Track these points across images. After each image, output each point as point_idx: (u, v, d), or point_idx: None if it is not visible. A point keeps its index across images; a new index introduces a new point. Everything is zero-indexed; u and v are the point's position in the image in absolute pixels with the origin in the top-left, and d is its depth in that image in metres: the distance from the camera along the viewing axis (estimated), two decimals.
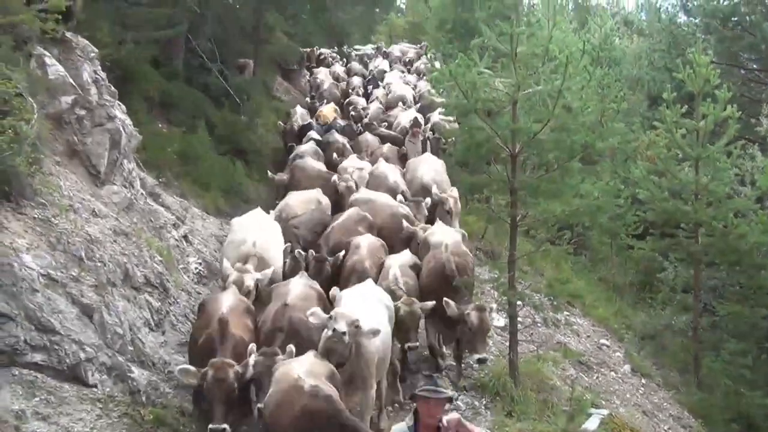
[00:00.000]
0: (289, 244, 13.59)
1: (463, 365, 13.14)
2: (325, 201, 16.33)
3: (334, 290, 11.44)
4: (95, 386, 9.30)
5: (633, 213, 22.11)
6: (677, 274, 21.82)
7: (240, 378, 8.92)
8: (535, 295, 15.46)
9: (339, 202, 16.90)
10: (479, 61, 14.00)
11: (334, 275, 13.02)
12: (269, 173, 18.59)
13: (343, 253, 13.42)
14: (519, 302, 13.92)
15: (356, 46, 38.42)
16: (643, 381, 17.66)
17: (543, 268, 19.84)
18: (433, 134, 22.19)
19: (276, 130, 23.61)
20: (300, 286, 11.22)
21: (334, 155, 20.46)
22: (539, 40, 14.22)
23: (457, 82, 13.73)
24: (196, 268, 13.85)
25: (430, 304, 11.94)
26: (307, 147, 20.52)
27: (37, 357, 8.87)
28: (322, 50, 35.16)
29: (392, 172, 18.49)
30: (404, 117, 23.79)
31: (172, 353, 10.81)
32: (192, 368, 9.04)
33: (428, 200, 16.91)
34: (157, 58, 20.25)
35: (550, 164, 14.86)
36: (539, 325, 16.50)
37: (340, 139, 21.95)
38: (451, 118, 19.37)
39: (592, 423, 12.26)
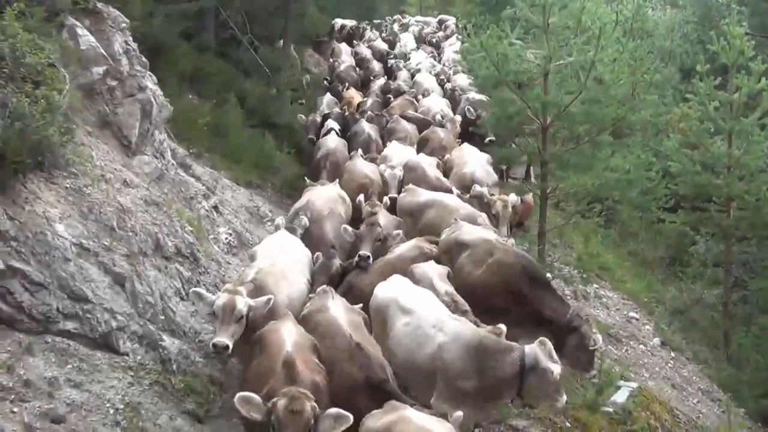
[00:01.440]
0: (318, 254, 11.76)
1: None
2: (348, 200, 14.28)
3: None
4: (127, 354, 9.35)
5: (664, 186, 21.89)
6: (708, 248, 21.68)
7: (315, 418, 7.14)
8: (565, 268, 15.43)
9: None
10: (510, 32, 13.90)
11: None
12: (306, 180, 15.75)
13: None
14: (548, 275, 13.75)
15: (417, 17, 37.02)
16: (673, 354, 17.54)
17: (572, 242, 19.70)
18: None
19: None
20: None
21: (359, 151, 17.27)
22: (571, 11, 14.12)
23: (488, 53, 13.68)
24: (226, 239, 13.87)
25: None
26: (333, 142, 17.80)
27: (70, 325, 8.93)
28: (345, 22, 32.48)
29: (429, 165, 15.93)
30: (434, 104, 21.42)
31: (203, 322, 10.83)
32: (256, 396, 7.27)
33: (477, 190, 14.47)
34: (188, 31, 20.27)
35: (580, 137, 14.80)
36: (569, 297, 16.40)
37: (368, 128, 19.10)
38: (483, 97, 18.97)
39: (621, 395, 12.21)
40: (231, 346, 8.87)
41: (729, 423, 14.77)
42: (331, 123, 19.30)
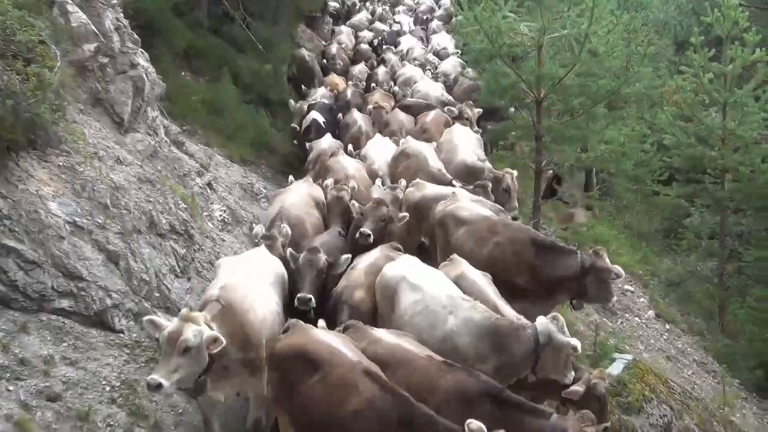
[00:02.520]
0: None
1: None
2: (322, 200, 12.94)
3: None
4: (122, 332, 9.33)
5: (659, 159, 22.01)
6: (703, 220, 21.75)
7: None
8: (560, 241, 15.39)
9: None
10: (504, 5, 13.82)
11: None
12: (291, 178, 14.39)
13: None
14: None
15: None
16: (668, 326, 17.62)
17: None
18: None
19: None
20: None
21: (350, 146, 16.01)
22: None
23: (481, 26, 13.60)
24: (220, 216, 13.82)
25: None
26: (326, 143, 15.95)
27: (65, 303, 8.91)
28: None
29: (432, 156, 14.46)
30: (430, 88, 19.90)
31: (198, 300, 10.80)
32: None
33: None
34: (180, 8, 20.11)
35: (575, 110, 14.74)
36: None
37: (360, 120, 17.51)
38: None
39: (616, 368, 12.24)
40: (167, 385, 7.23)
41: (724, 394, 14.87)
42: (313, 114, 17.62)
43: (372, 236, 11.16)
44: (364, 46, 25.79)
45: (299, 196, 12.59)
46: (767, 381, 17.74)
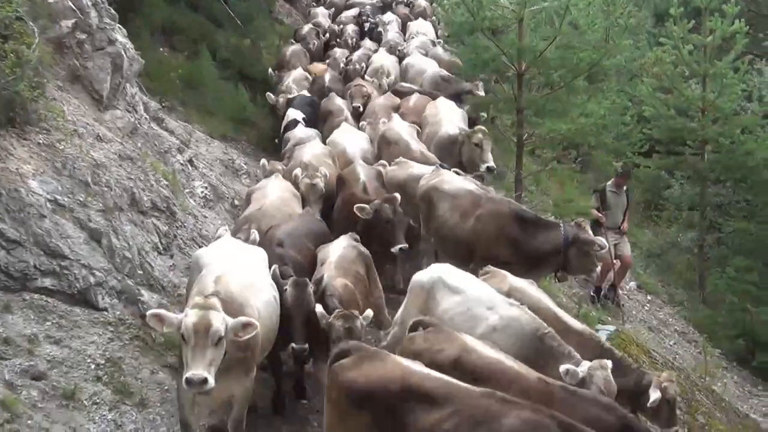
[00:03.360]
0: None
1: None
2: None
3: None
4: (106, 310, 9.30)
5: (639, 131, 22.03)
6: (683, 191, 21.88)
7: None
8: (543, 215, 15.45)
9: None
10: None
11: None
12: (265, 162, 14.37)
13: None
14: None
15: None
16: (649, 297, 17.77)
17: (549, 188, 19.78)
18: None
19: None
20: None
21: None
22: None
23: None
24: (202, 192, 13.78)
25: None
26: (302, 133, 15.50)
27: (47, 282, 8.88)
28: None
29: (414, 140, 14.34)
30: (425, 63, 19.41)
31: (181, 276, 10.81)
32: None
33: None
34: None
35: (556, 83, 14.75)
36: None
37: (341, 104, 16.94)
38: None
39: None
40: (211, 380, 6.88)
41: (705, 363, 15.02)
42: (292, 113, 16.61)
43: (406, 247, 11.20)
44: (350, 27, 24.45)
45: (276, 195, 11.89)
46: (748, 350, 17.93)
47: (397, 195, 11.35)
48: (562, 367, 7.80)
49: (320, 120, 16.73)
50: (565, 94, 14.87)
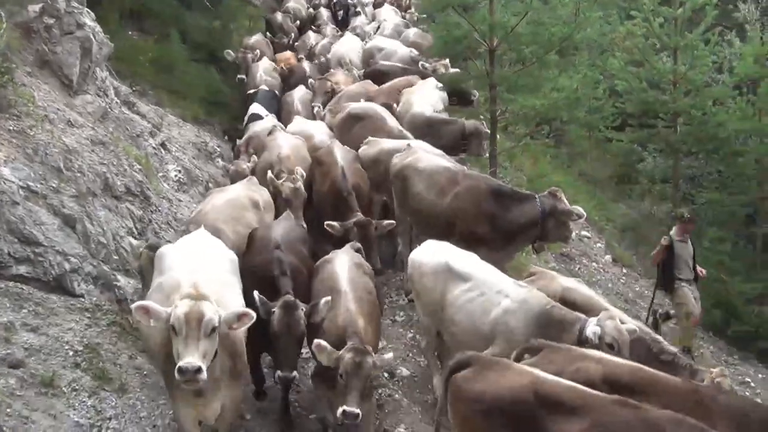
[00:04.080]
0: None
1: None
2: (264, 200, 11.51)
3: None
4: (82, 296, 9.28)
5: (611, 105, 22.10)
6: (656, 164, 21.99)
7: None
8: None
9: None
10: None
11: None
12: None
13: None
14: None
15: None
16: (624, 270, 17.86)
17: (523, 164, 19.82)
18: None
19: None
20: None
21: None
22: None
23: None
24: (175, 176, 13.73)
25: None
26: (260, 126, 15.04)
27: (22, 269, 8.83)
28: None
29: (389, 116, 14.31)
30: (398, 46, 19.21)
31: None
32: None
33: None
34: None
35: (527, 58, 14.75)
36: None
37: (296, 98, 16.78)
38: None
39: None
40: (205, 369, 6.58)
41: (680, 335, 15.13)
42: (253, 108, 16.46)
43: None
44: (324, 12, 24.47)
45: (228, 199, 10.81)
46: (723, 321, 18.08)
47: (371, 221, 11.02)
48: (589, 332, 8.04)
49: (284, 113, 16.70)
50: (537, 69, 14.89)
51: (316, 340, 7.87)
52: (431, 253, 9.62)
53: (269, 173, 12.04)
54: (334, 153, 12.52)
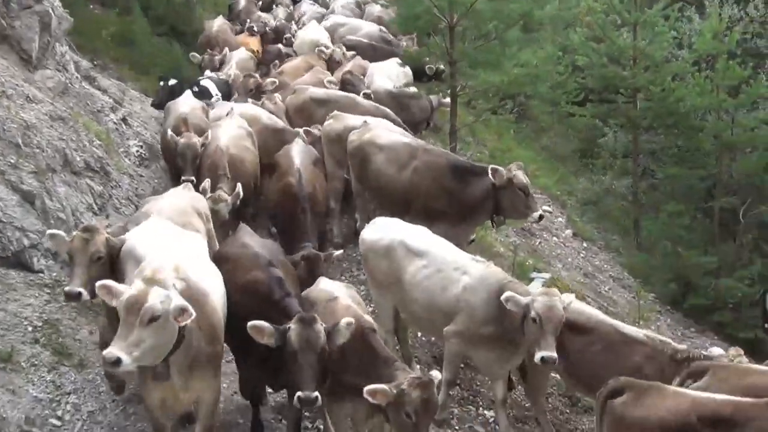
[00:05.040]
0: None
1: None
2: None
3: None
4: (41, 272, 9.27)
5: (573, 80, 22.30)
6: (617, 139, 22.24)
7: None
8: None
9: None
10: None
11: None
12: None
13: None
14: None
15: None
16: (585, 245, 18.06)
17: (485, 139, 19.92)
18: None
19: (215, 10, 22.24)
20: None
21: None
22: None
23: None
24: (137, 151, 13.64)
25: None
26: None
27: None
28: None
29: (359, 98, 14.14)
30: (365, 24, 19.56)
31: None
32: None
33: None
34: None
35: (488, 34, 14.78)
36: None
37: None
38: None
39: (535, 287, 12.48)
40: (127, 361, 5.94)
41: (639, 308, 15.37)
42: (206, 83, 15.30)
43: None
44: None
45: (173, 206, 9.30)
46: (681, 294, 18.38)
47: (320, 255, 9.95)
48: (503, 296, 7.98)
49: None
50: (498, 45, 14.91)
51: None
52: (383, 231, 9.51)
53: (204, 184, 10.52)
54: (291, 156, 11.71)
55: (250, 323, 6.93)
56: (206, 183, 10.45)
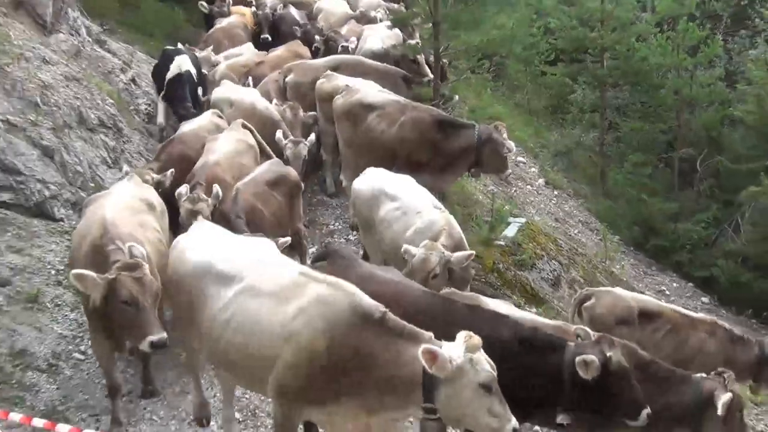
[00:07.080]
0: None
1: None
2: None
3: None
4: (62, 220, 9.35)
5: (545, 42, 22.25)
6: (585, 96, 22.22)
7: None
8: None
9: None
10: None
11: None
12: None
13: None
14: None
15: None
16: (556, 192, 18.16)
17: (465, 97, 19.88)
18: None
19: None
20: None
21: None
22: None
23: None
24: (145, 109, 13.63)
25: None
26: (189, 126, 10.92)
27: (5, 196, 8.90)
28: None
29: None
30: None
31: None
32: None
33: None
34: None
35: None
36: None
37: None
38: None
39: (511, 230, 12.67)
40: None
41: (605, 249, 15.54)
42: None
43: None
44: None
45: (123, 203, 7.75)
46: (643, 236, 18.55)
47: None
48: (403, 248, 7.99)
49: None
50: (477, 7, 14.85)
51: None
52: (370, 179, 9.61)
53: (180, 189, 8.76)
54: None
55: None
56: (183, 188, 8.70)
